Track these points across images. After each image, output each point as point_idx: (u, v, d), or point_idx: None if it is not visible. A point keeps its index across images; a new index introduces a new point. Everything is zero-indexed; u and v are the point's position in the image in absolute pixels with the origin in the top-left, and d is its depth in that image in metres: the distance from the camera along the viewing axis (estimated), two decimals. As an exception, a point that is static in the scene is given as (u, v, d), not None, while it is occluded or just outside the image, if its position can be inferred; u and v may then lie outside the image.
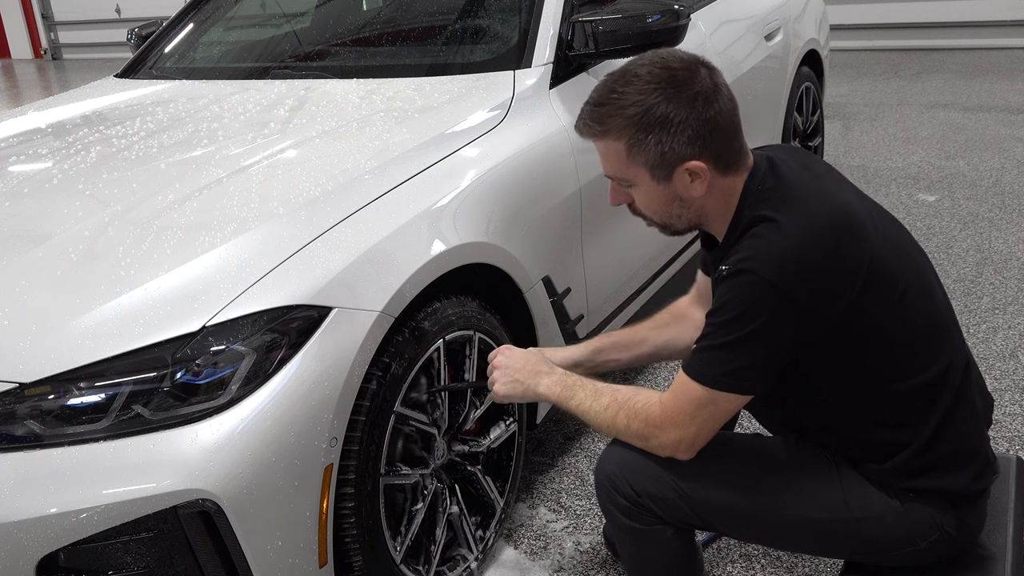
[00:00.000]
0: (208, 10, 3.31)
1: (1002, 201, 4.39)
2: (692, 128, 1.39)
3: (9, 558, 1.44)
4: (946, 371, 1.44)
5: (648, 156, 1.41)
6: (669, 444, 1.48)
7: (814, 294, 1.35)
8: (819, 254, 1.35)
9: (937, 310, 1.48)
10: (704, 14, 3.24)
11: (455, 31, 2.83)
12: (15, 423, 1.49)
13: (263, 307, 1.59)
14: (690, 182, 1.44)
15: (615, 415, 1.52)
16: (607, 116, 1.43)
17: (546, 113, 2.32)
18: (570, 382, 1.59)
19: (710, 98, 1.40)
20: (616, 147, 1.44)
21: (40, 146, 2.46)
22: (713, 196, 1.47)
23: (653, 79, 1.40)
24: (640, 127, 1.40)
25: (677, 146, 1.40)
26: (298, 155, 2.08)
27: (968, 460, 1.46)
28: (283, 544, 1.57)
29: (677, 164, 1.42)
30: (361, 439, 1.69)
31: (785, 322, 1.36)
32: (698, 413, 1.44)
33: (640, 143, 1.41)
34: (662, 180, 1.44)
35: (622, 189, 1.51)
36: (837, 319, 1.37)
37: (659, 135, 1.39)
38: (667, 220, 1.52)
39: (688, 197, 1.46)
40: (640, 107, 1.40)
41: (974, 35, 8.47)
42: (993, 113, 6.09)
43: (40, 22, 14.18)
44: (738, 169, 1.46)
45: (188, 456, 1.48)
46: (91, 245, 1.77)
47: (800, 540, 1.58)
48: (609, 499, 1.58)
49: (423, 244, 1.85)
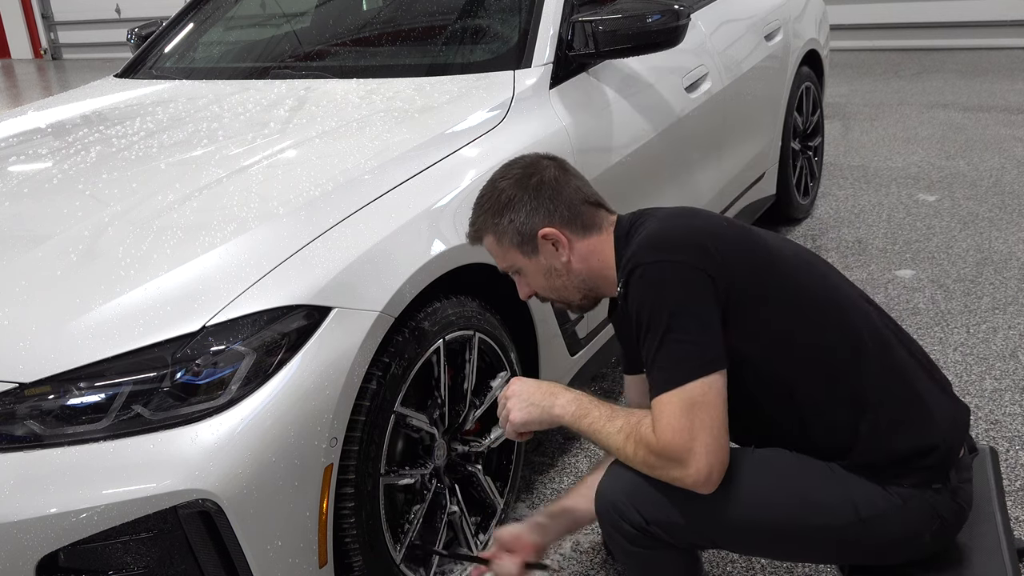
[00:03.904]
0: (208, 10, 3.30)
1: (1002, 201, 4.39)
2: (532, 202, 1.61)
3: (9, 558, 1.44)
4: (860, 337, 1.50)
5: (511, 238, 1.63)
6: (683, 477, 1.41)
7: (689, 254, 1.45)
8: (677, 225, 1.53)
9: (827, 285, 1.55)
10: (704, 14, 3.24)
11: (455, 31, 2.83)
12: (15, 423, 1.49)
13: (263, 307, 1.59)
14: (555, 250, 1.62)
15: (625, 440, 1.47)
16: (477, 219, 1.67)
17: (546, 113, 2.32)
18: (585, 401, 1.55)
19: (546, 178, 1.62)
20: (490, 241, 1.67)
21: (40, 146, 2.46)
22: (585, 259, 1.62)
23: (504, 180, 1.65)
24: (494, 214, 1.63)
25: (526, 219, 1.61)
26: (298, 155, 2.08)
27: (924, 412, 1.49)
28: (283, 544, 1.57)
29: (534, 235, 1.60)
30: (361, 439, 1.70)
31: (691, 282, 1.43)
32: (689, 424, 1.39)
33: (499, 227, 1.63)
34: (532, 255, 1.63)
35: (520, 281, 1.70)
36: (724, 281, 1.44)
37: (509, 215, 1.62)
38: (561, 295, 1.68)
39: (560, 265, 1.63)
40: (491, 199, 1.65)
41: (974, 35, 8.47)
42: (993, 113, 6.09)
43: (40, 22, 14.18)
44: (598, 229, 1.63)
45: (188, 456, 1.48)
46: (91, 245, 1.77)
47: (816, 551, 1.58)
48: (615, 527, 1.53)
49: (423, 244, 1.85)
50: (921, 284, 3.52)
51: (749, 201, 3.58)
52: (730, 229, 1.56)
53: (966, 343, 3.03)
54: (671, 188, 2.86)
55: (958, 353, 2.97)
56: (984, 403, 2.67)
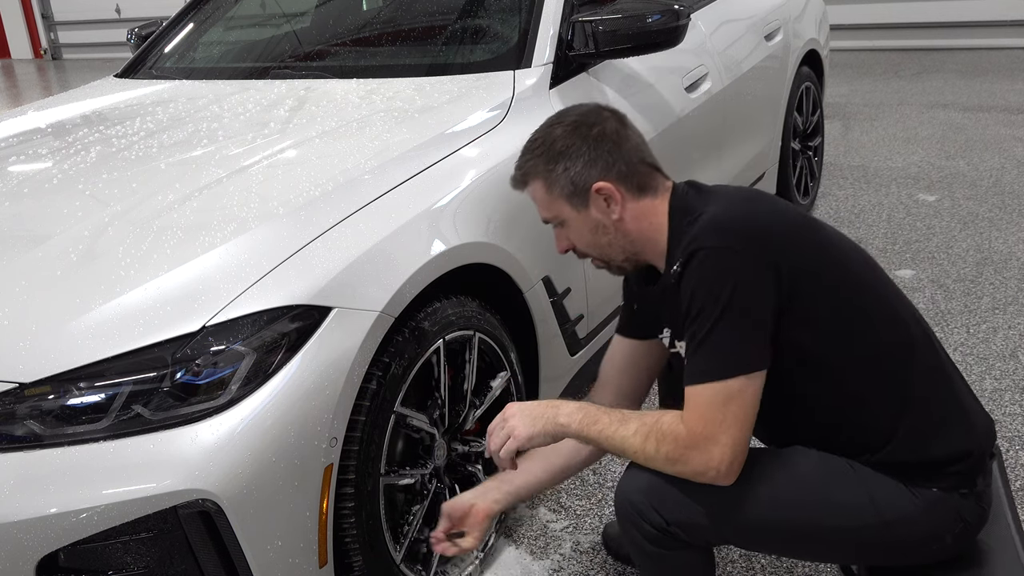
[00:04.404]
0: (208, 10, 3.31)
1: (1002, 201, 4.39)
2: (591, 153, 1.55)
3: (9, 558, 1.44)
4: (911, 338, 1.49)
5: (561, 187, 1.57)
6: (706, 466, 1.40)
7: (758, 244, 1.41)
8: (748, 212, 1.48)
9: (882, 283, 1.53)
10: (704, 14, 3.24)
11: (455, 31, 2.83)
12: (15, 423, 1.49)
13: (263, 307, 1.59)
14: (606, 206, 1.56)
15: (645, 440, 1.45)
16: (526, 163, 1.62)
17: (546, 113, 2.29)
18: (591, 409, 1.52)
19: (607, 131, 1.56)
20: (538, 187, 1.61)
21: (40, 146, 2.46)
22: (636, 220, 1.57)
23: (559, 126, 1.59)
24: (548, 160, 1.57)
25: (583, 170, 1.55)
26: (298, 155, 2.08)
27: (962, 417, 1.49)
28: (283, 544, 1.57)
29: (587, 188, 1.55)
30: (361, 439, 1.69)
31: (753, 277, 1.39)
32: (722, 416, 1.39)
33: (552, 175, 1.57)
34: (581, 208, 1.58)
35: (560, 234, 1.65)
36: (788, 271, 1.41)
37: (564, 163, 1.56)
38: (603, 253, 1.63)
39: (609, 223, 1.57)
40: (546, 145, 1.59)
41: (974, 35, 8.47)
42: (993, 113, 6.09)
43: (40, 22, 14.18)
44: (653, 190, 1.57)
45: (188, 456, 1.48)
46: (91, 245, 1.77)
47: (836, 551, 1.57)
48: (634, 526, 1.53)
49: (423, 244, 1.85)
50: (921, 284, 3.52)
51: (749, 201, 3.58)
52: (795, 216, 1.51)
53: (966, 343, 3.04)
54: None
55: (958, 353, 2.97)
56: (984, 403, 2.67)
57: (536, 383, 2.26)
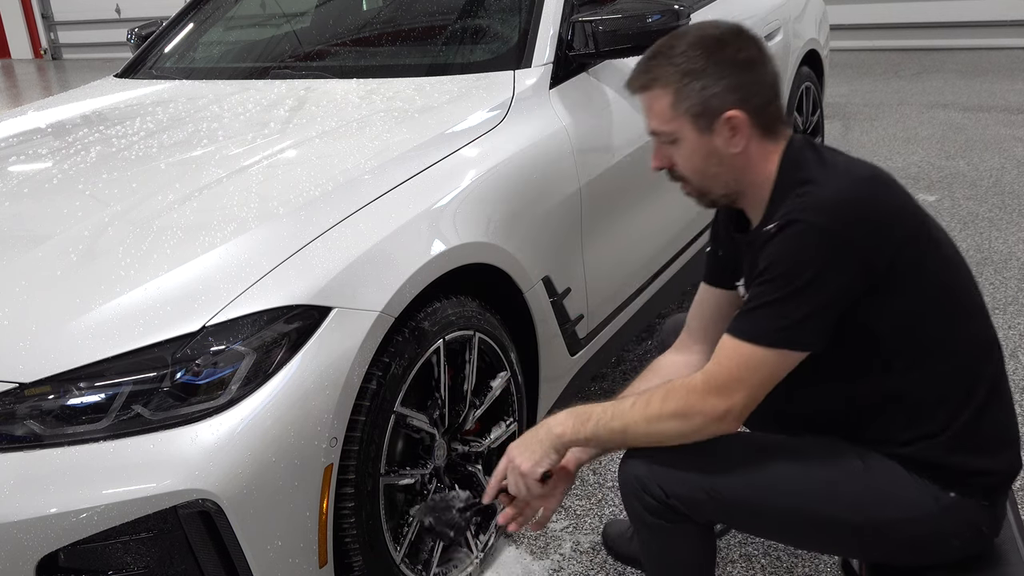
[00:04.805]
0: (208, 10, 3.30)
1: (1002, 201, 4.39)
2: (734, 78, 1.44)
3: (9, 558, 1.44)
4: (990, 346, 1.47)
5: (692, 103, 1.45)
6: (713, 416, 1.40)
7: (862, 235, 1.36)
8: (862, 198, 1.39)
9: (974, 287, 1.50)
10: (704, 14, 3.24)
11: (455, 31, 2.83)
12: (15, 423, 1.49)
13: (263, 307, 1.59)
14: (730, 136, 1.46)
15: (645, 406, 1.44)
16: (657, 66, 1.49)
17: (546, 113, 2.32)
18: (579, 408, 1.52)
19: (752, 57, 1.47)
20: (662, 96, 1.48)
21: (40, 146, 2.46)
22: (751, 158, 1.48)
23: (701, 38, 1.48)
24: (686, 73, 1.45)
25: (720, 93, 1.44)
26: (298, 155, 2.08)
27: (1009, 433, 1.47)
28: (283, 544, 1.57)
29: (719, 113, 1.45)
30: (361, 439, 1.70)
31: (840, 266, 1.35)
32: (749, 377, 1.38)
33: (685, 89, 1.45)
34: (704, 131, 1.47)
35: (664, 149, 1.53)
36: (885, 266, 1.37)
37: (704, 81, 1.44)
38: (705, 182, 1.53)
39: (727, 154, 1.47)
40: (687, 56, 1.46)
41: (974, 35, 8.47)
42: (993, 113, 6.09)
43: (40, 22, 14.18)
44: (776, 135, 1.49)
45: (188, 456, 1.48)
46: (91, 245, 1.77)
47: (836, 543, 1.56)
48: (636, 497, 1.54)
49: (423, 244, 1.85)
50: (921, 284, 3.52)
51: (749, 201, 3.58)
52: (910, 205, 1.44)
53: (966, 343, 3.03)
54: (671, 188, 2.85)
55: (958, 353, 2.96)
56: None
57: (536, 383, 2.26)
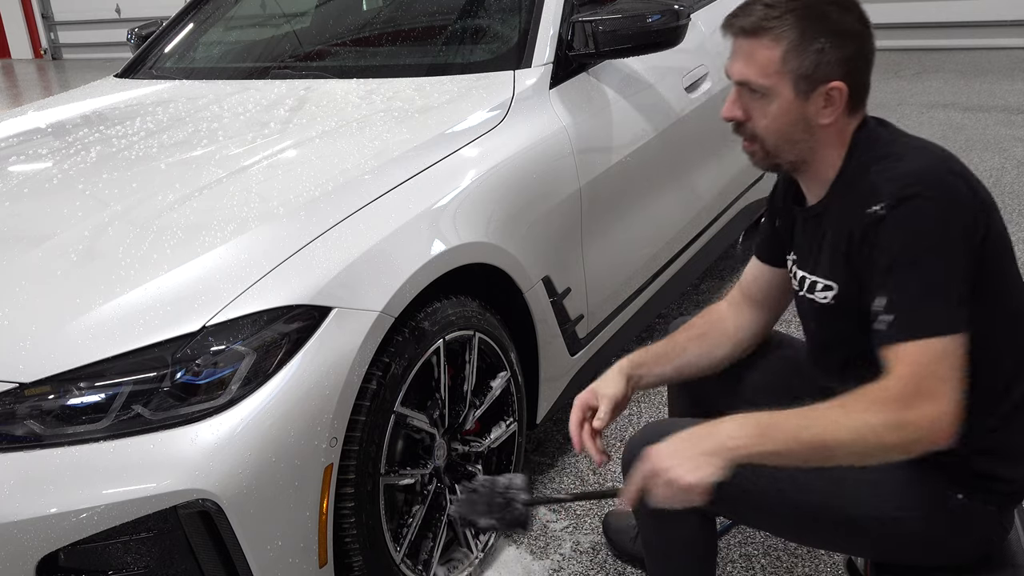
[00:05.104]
0: (208, 10, 3.30)
1: (1002, 201, 4.39)
2: (849, 49, 1.37)
3: (9, 558, 1.44)
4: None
5: (801, 64, 1.37)
6: (926, 425, 1.25)
7: (968, 205, 1.32)
8: (955, 170, 1.35)
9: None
10: (704, 14, 3.24)
11: (455, 31, 2.83)
12: (15, 423, 1.49)
13: (263, 307, 1.59)
14: (823, 106, 1.40)
15: (848, 417, 1.26)
16: (775, 15, 1.38)
17: (546, 113, 2.32)
18: (753, 416, 1.31)
19: (865, 32, 1.39)
20: (772, 48, 1.38)
21: (40, 146, 2.46)
22: (832, 134, 1.42)
23: (837, 1, 1.39)
24: (807, 30, 1.37)
25: (833, 61, 1.37)
26: (298, 155, 2.08)
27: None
28: (283, 544, 1.57)
29: (825, 81, 1.38)
30: (361, 439, 1.70)
31: (969, 231, 1.30)
32: (943, 371, 1.26)
33: (802, 47, 1.37)
34: (800, 95, 1.39)
35: (746, 102, 1.44)
36: (981, 238, 1.33)
37: (821, 44, 1.36)
38: (781, 145, 1.45)
39: (815, 123, 1.41)
40: (816, 11, 1.37)
41: (974, 35, 8.47)
42: (993, 113, 6.09)
43: (40, 22, 14.18)
44: (857, 115, 1.44)
45: (188, 456, 1.48)
46: (91, 245, 1.77)
47: (835, 539, 1.54)
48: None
49: (423, 244, 1.85)
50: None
51: (749, 201, 3.58)
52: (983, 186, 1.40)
53: (966, 343, 3.03)
54: (671, 188, 2.86)
55: (958, 353, 2.96)
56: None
57: (536, 383, 2.26)
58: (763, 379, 1.74)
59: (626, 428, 2.70)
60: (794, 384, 1.69)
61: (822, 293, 1.48)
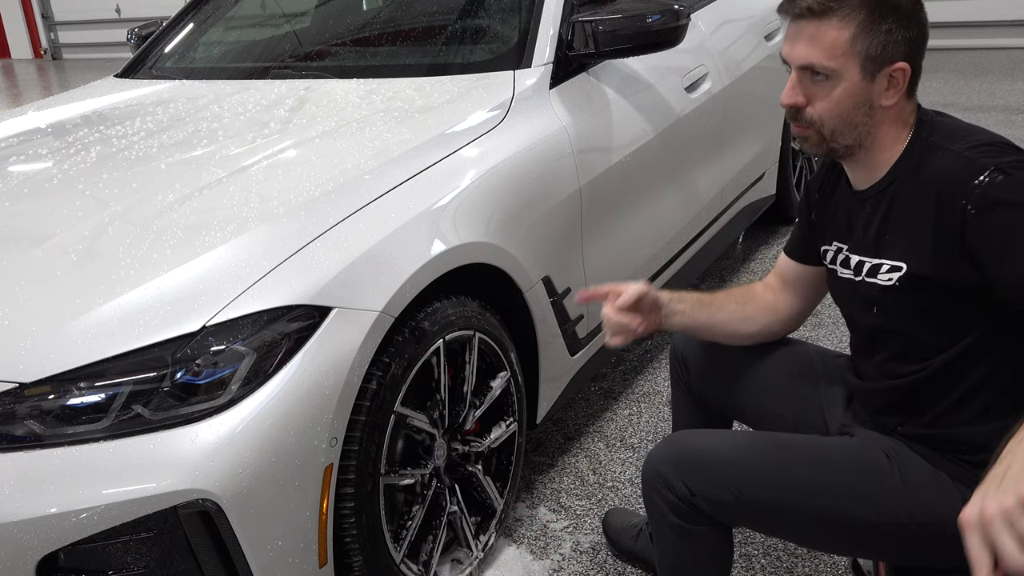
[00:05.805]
0: (208, 10, 3.31)
1: (1002, 201, 4.38)
2: (914, 30, 1.38)
3: (9, 558, 1.44)
4: None
5: (870, 44, 1.36)
6: None
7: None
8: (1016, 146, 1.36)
9: None
10: (704, 14, 3.24)
11: (455, 31, 2.83)
12: (15, 423, 1.49)
13: (263, 307, 1.59)
14: (886, 88, 1.40)
15: None
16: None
17: (546, 113, 2.32)
18: None
19: (924, 16, 1.40)
20: (841, 29, 1.37)
21: (40, 146, 2.46)
22: (894, 115, 1.42)
23: None
24: (875, 10, 1.36)
25: (900, 41, 1.37)
26: (298, 155, 2.08)
27: None
28: (283, 544, 1.57)
29: (891, 62, 1.37)
30: (361, 439, 1.70)
31: None
32: None
33: (870, 28, 1.36)
34: (866, 76, 1.38)
35: (808, 86, 1.43)
36: None
37: (892, 24, 1.36)
38: (841, 128, 1.42)
39: (877, 106, 1.40)
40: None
41: (974, 35, 8.48)
42: (993, 113, 6.08)
43: (40, 22, 14.18)
44: (914, 98, 1.45)
45: (188, 456, 1.48)
46: (91, 245, 1.77)
47: (855, 544, 1.53)
48: (659, 495, 1.51)
49: (423, 244, 1.85)
50: (921, 284, 3.52)
51: (749, 201, 3.58)
52: None
53: (966, 343, 3.03)
54: (671, 188, 2.86)
55: (958, 353, 2.96)
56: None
57: (536, 383, 2.26)
58: (770, 386, 1.75)
59: (626, 428, 2.70)
60: (802, 392, 1.70)
61: (887, 275, 1.44)
